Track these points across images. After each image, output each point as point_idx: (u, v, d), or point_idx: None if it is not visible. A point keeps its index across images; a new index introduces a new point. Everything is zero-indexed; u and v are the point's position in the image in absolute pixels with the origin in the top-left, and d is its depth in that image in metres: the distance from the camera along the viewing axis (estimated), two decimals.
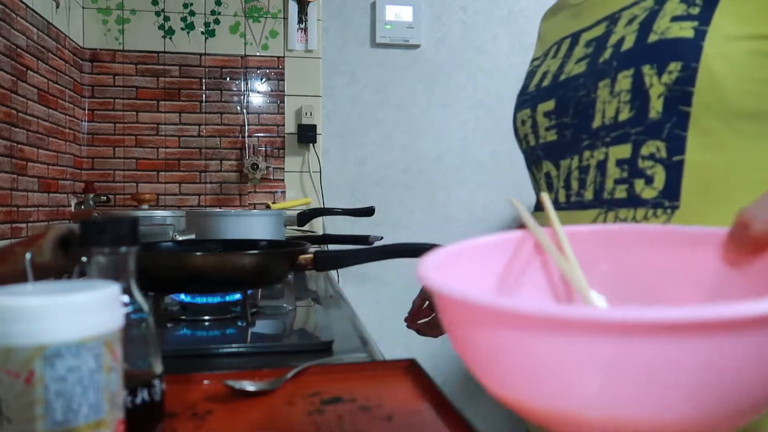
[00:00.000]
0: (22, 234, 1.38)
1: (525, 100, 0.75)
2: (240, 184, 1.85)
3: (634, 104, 0.58)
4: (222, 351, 0.64)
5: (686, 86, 0.55)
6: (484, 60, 2.05)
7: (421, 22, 1.98)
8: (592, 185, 0.63)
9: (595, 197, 0.62)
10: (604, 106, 0.62)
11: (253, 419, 0.45)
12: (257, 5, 1.85)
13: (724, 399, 0.21)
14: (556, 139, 0.68)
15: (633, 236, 0.37)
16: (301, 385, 0.53)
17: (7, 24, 1.31)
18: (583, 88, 0.65)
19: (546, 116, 0.70)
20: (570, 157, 0.66)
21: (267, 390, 0.50)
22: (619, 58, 0.60)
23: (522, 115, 0.74)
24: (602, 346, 0.21)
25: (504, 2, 2.06)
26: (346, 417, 0.45)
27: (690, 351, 0.20)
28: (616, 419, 0.22)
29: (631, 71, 0.59)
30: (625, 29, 0.62)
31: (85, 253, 0.36)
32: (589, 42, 0.67)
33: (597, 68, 0.63)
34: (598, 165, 0.62)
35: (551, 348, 0.22)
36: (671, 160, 0.57)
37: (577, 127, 0.65)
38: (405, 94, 2.00)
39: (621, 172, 0.60)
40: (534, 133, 0.72)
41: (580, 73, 0.66)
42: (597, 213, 0.62)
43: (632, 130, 0.59)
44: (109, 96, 1.79)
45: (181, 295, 0.80)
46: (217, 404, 0.48)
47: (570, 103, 0.66)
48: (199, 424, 0.44)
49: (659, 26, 0.58)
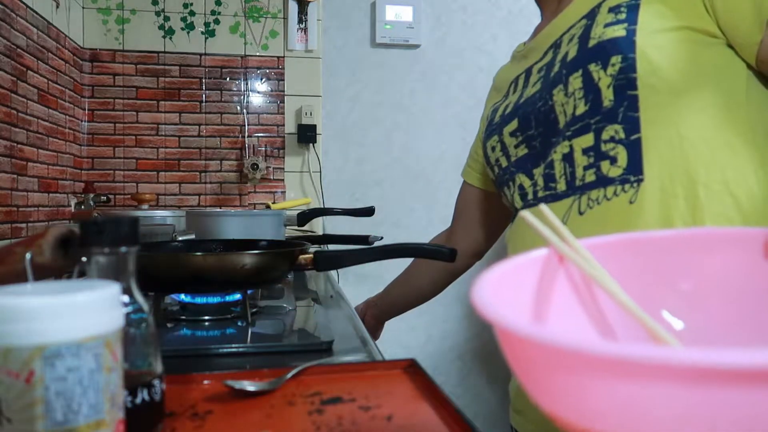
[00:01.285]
0: (22, 234, 1.38)
1: (492, 130, 0.83)
2: (240, 184, 1.85)
3: (588, 98, 0.66)
4: (222, 351, 0.65)
5: (630, 73, 0.63)
6: (484, 60, 2.05)
7: (421, 22, 1.98)
8: (563, 177, 0.69)
9: (568, 187, 0.68)
10: (563, 107, 0.69)
11: (252, 419, 0.45)
12: (257, 5, 1.85)
13: None
14: (527, 152, 0.75)
15: (664, 242, 0.34)
16: (301, 385, 0.53)
17: (7, 24, 1.31)
18: (540, 100, 0.73)
19: (512, 135, 0.77)
20: (542, 163, 0.72)
21: (267, 390, 0.50)
22: (566, 66, 0.69)
23: (491, 143, 0.82)
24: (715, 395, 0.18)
25: (504, 2, 2.05)
26: (346, 417, 0.45)
27: None
28: None
29: (579, 72, 0.67)
30: (568, 46, 0.71)
31: (85, 253, 0.36)
32: (540, 68, 0.76)
33: (549, 81, 0.72)
34: (563, 158, 0.68)
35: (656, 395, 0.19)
36: (629, 140, 0.63)
37: (545, 134, 0.72)
38: (405, 94, 2.00)
39: (588, 159, 0.66)
40: (505, 154, 0.79)
41: (536, 92, 0.74)
42: (571, 200, 0.67)
43: (591, 120, 0.65)
44: (109, 96, 1.79)
45: (181, 295, 0.80)
46: (217, 404, 0.48)
47: (530, 117, 0.74)
48: (199, 424, 0.44)
49: (595, 33, 0.67)
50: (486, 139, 0.84)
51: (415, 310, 1.21)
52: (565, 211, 0.68)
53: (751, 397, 0.17)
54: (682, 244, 0.34)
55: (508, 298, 0.30)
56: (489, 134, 0.84)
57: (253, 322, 0.75)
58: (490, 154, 0.83)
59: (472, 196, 1.04)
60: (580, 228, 0.64)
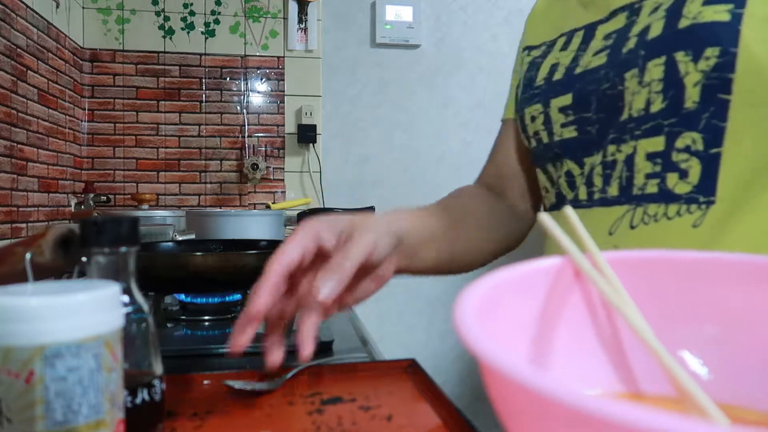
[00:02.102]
0: (22, 234, 1.38)
1: (534, 94, 0.69)
2: (240, 184, 1.85)
3: (667, 94, 0.54)
4: (222, 351, 0.65)
5: (726, 73, 0.51)
6: (484, 60, 2.05)
7: (421, 22, 1.98)
8: (617, 181, 0.59)
9: (621, 193, 0.58)
10: (633, 97, 0.57)
11: (252, 419, 0.45)
12: (257, 5, 1.85)
13: None
14: (576, 135, 0.63)
15: (701, 265, 0.30)
16: (301, 385, 0.53)
17: (7, 24, 1.31)
18: (606, 80, 0.59)
19: (562, 112, 0.65)
20: (596, 153, 0.62)
21: (266, 390, 0.50)
22: (646, 47, 0.56)
23: (531, 111, 0.69)
24: None
25: (504, 2, 2.06)
26: (346, 417, 0.45)
27: None
28: None
29: (662, 59, 0.54)
30: (650, 17, 0.57)
31: (85, 253, 0.36)
32: (608, 35, 0.62)
33: (620, 59, 0.58)
34: (626, 159, 0.58)
35: None
36: (708, 153, 0.53)
37: (603, 121, 0.60)
38: (405, 94, 2.00)
39: (653, 166, 0.56)
40: (547, 129, 0.67)
41: (600, 65, 0.61)
42: (624, 210, 0.58)
43: (665, 121, 0.55)
44: (109, 96, 1.79)
45: (181, 295, 0.80)
46: (217, 404, 0.48)
47: (591, 97, 0.61)
48: (199, 424, 0.44)
49: (690, 11, 0.53)
50: (524, 103, 0.70)
51: (415, 310, 1.21)
52: (614, 221, 0.58)
53: None
54: (716, 271, 0.29)
55: (504, 316, 0.26)
56: (529, 99, 0.69)
57: None
58: (529, 123, 0.70)
59: (517, 136, 0.78)
60: (627, 245, 0.56)
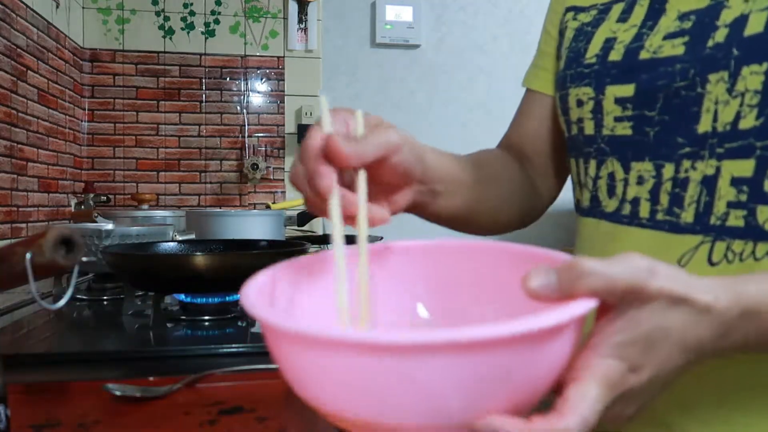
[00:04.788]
0: (22, 234, 1.38)
1: (584, 74, 0.57)
2: (240, 184, 1.85)
3: (764, 110, 0.45)
4: (222, 351, 0.64)
5: None
6: (484, 60, 2.05)
7: (421, 22, 1.98)
8: (693, 205, 0.49)
9: (696, 220, 0.49)
10: (717, 107, 0.47)
11: (137, 430, 0.45)
12: (257, 5, 1.85)
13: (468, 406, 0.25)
14: (630, 134, 0.54)
15: (453, 250, 0.40)
16: (207, 392, 0.53)
17: (7, 24, 1.31)
18: (683, 78, 0.49)
19: (619, 103, 0.54)
20: (652, 161, 0.52)
21: (154, 396, 0.50)
22: (742, 46, 0.46)
23: (579, 94, 0.57)
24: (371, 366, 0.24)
25: (504, 2, 2.05)
26: (237, 429, 0.45)
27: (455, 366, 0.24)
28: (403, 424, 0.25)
29: (763, 66, 0.44)
30: (747, 4, 0.47)
31: None
32: (685, 14, 0.51)
33: (704, 54, 0.48)
34: (704, 180, 0.49)
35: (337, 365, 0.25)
36: None
37: (671, 126, 0.51)
38: (405, 94, 2.00)
39: (738, 194, 0.47)
40: (595, 120, 0.56)
41: (676, 57, 0.50)
42: (699, 240, 0.49)
43: (758, 143, 0.46)
44: (109, 96, 1.79)
45: (181, 295, 0.80)
46: (105, 413, 0.48)
47: (659, 94, 0.51)
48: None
49: None
50: (570, 81, 0.58)
51: None
52: (686, 251, 0.49)
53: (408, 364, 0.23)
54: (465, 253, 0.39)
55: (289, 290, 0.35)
56: (577, 78, 0.57)
57: (253, 322, 0.75)
58: (573, 106, 0.58)
59: (549, 111, 0.67)
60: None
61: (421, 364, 0.23)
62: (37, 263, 0.45)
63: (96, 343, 0.71)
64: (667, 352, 0.31)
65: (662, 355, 0.31)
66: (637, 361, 0.30)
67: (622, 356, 0.30)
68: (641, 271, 0.30)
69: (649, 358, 0.31)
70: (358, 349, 0.23)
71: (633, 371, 0.30)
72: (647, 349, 0.30)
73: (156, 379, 0.54)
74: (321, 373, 0.25)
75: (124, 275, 0.77)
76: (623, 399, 0.31)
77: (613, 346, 0.30)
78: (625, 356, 0.30)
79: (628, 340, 0.30)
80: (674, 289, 0.30)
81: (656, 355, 0.31)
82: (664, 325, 0.31)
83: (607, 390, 0.29)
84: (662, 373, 0.32)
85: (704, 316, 0.31)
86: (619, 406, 0.31)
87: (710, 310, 0.32)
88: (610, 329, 0.30)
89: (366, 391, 0.25)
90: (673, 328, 0.31)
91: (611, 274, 0.29)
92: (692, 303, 0.31)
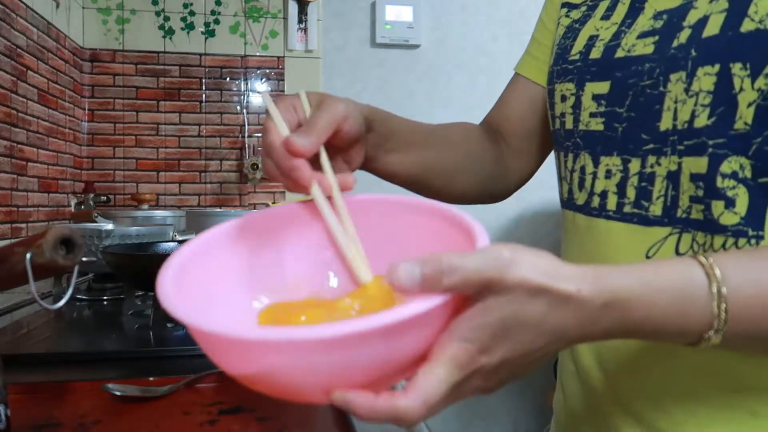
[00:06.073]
0: (22, 234, 1.38)
1: (567, 69, 0.59)
2: (240, 184, 1.85)
3: (715, 110, 0.46)
4: None
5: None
6: (484, 60, 2.05)
7: (421, 22, 1.98)
8: (661, 199, 0.51)
9: (664, 213, 0.51)
10: (677, 105, 0.49)
11: (138, 430, 0.45)
12: (257, 5, 1.85)
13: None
14: (602, 129, 0.55)
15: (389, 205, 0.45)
16: (207, 392, 0.53)
17: (7, 24, 1.31)
18: (650, 77, 0.51)
19: (595, 100, 0.56)
20: (619, 156, 0.54)
21: (154, 396, 0.50)
22: (699, 47, 0.47)
23: (563, 89, 0.59)
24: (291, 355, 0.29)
25: (504, 2, 2.05)
26: (237, 429, 0.45)
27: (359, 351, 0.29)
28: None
29: (715, 68, 0.46)
30: (711, 5, 0.48)
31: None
32: (660, 13, 0.52)
33: (669, 54, 0.49)
34: (668, 176, 0.50)
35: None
36: (757, 182, 0.46)
37: (635, 123, 0.52)
38: (405, 94, 2.00)
39: (695, 190, 0.48)
40: (574, 115, 0.58)
41: (645, 56, 0.51)
42: (668, 232, 0.51)
43: (710, 141, 0.47)
44: (109, 96, 1.79)
45: None
46: (106, 413, 0.48)
47: (629, 92, 0.53)
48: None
49: (757, 10, 0.44)
50: (557, 77, 0.60)
51: None
52: (655, 242, 0.51)
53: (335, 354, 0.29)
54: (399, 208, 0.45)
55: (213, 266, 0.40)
56: (563, 74, 0.59)
57: None
58: (558, 101, 0.60)
59: (532, 97, 0.70)
60: None
61: (286, 357, 0.29)
62: (37, 263, 0.45)
63: (96, 343, 0.71)
64: (523, 336, 0.33)
65: (519, 338, 0.33)
66: (487, 344, 0.33)
67: (471, 339, 0.32)
68: (502, 262, 0.32)
69: (501, 341, 0.33)
70: (243, 346, 0.30)
71: (482, 352, 0.33)
72: (500, 333, 0.33)
73: (156, 379, 0.54)
74: (226, 356, 0.32)
75: (124, 275, 0.77)
76: (478, 375, 0.33)
77: (465, 329, 0.32)
78: (474, 339, 0.32)
79: (479, 324, 0.32)
80: (533, 280, 0.32)
81: (511, 339, 0.33)
82: (519, 313, 0.33)
83: (456, 370, 0.32)
84: (521, 353, 0.34)
85: (566, 305, 0.33)
86: (476, 380, 0.34)
87: (571, 300, 0.33)
88: (466, 315, 0.33)
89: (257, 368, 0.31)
90: (530, 316, 0.33)
91: (467, 270, 0.31)
92: (552, 293, 0.33)
